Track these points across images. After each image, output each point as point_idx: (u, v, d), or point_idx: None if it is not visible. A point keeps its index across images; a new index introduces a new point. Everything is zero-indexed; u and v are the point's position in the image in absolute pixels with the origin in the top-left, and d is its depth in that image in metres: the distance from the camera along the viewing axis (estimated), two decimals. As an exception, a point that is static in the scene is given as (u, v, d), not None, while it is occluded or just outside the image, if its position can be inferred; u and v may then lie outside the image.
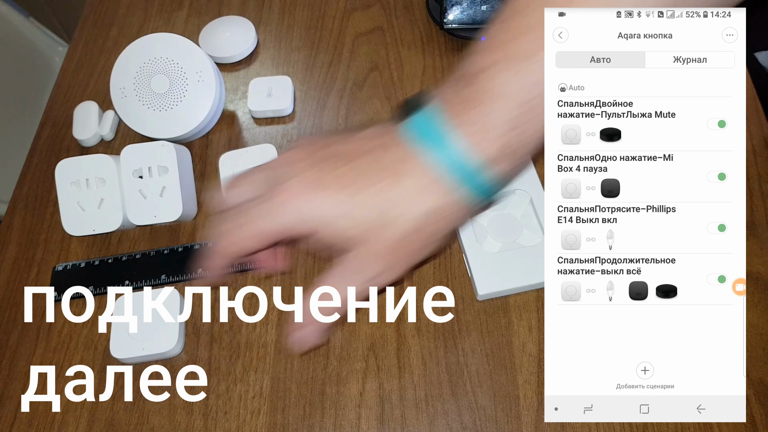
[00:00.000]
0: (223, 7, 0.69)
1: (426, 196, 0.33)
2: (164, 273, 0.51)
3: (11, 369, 0.48)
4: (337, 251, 0.34)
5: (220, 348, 0.48)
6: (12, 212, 0.57)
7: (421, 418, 0.44)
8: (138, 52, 0.55)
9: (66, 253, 0.54)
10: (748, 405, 0.42)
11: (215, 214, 0.37)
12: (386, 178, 0.33)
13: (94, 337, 0.49)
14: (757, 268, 0.47)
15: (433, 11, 0.64)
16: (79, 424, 0.45)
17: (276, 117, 0.60)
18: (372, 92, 0.60)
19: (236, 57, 0.64)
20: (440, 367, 0.45)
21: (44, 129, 0.62)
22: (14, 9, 1.01)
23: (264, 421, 0.44)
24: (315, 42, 0.65)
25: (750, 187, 0.51)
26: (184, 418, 0.45)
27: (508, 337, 0.46)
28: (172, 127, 0.55)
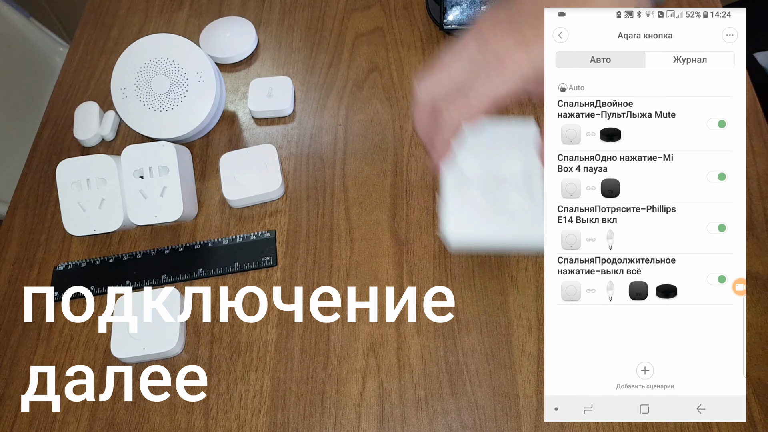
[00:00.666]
0: (224, 7, 0.69)
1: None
2: (165, 273, 0.51)
3: (12, 369, 0.48)
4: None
5: (220, 348, 0.48)
6: (13, 212, 0.57)
7: (420, 417, 0.44)
8: (139, 53, 0.55)
9: (67, 253, 0.54)
10: (748, 405, 0.42)
11: (419, 104, 0.39)
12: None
13: (95, 337, 0.49)
14: (757, 268, 0.47)
15: (433, 12, 0.64)
16: (80, 424, 0.45)
17: (276, 117, 0.60)
18: (372, 92, 0.60)
19: (236, 57, 0.64)
20: (440, 367, 0.45)
21: (45, 129, 0.62)
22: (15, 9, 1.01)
23: (264, 421, 0.44)
24: (315, 42, 0.65)
25: (750, 187, 0.51)
26: (185, 418, 0.45)
27: (507, 336, 0.46)
28: (173, 128, 0.55)
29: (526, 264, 0.49)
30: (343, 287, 0.50)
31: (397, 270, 0.50)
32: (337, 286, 0.50)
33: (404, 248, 0.51)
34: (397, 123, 0.58)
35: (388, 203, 0.53)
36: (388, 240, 0.51)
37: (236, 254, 0.52)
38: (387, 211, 0.53)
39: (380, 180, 0.55)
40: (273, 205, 0.55)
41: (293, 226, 0.53)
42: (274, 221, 0.54)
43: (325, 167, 0.56)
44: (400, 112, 0.59)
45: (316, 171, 0.56)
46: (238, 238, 0.53)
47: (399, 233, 0.52)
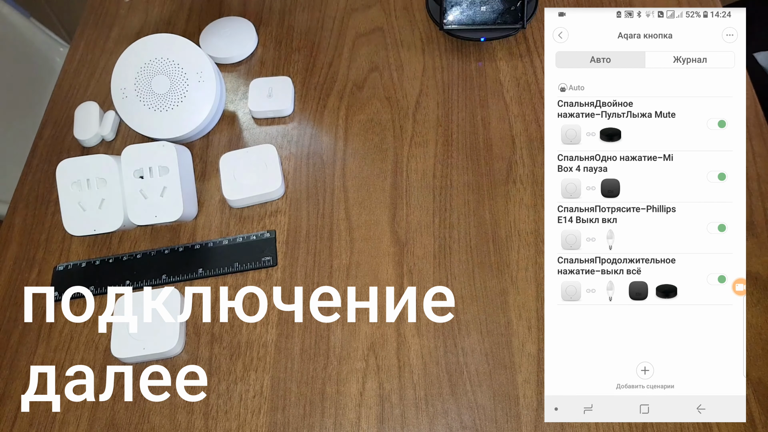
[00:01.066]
0: (224, 7, 0.69)
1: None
2: (165, 273, 0.51)
3: (12, 369, 0.48)
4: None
5: (220, 348, 0.48)
6: (13, 212, 0.57)
7: (420, 417, 0.44)
8: (139, 53, 0.55)
9: (67, 253, 0.54)
10: (748, 405, 0.42)
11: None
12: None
13: (95, 337, 0.49)
14: (757, 268, 0.47)
15: (433, 12, 0.64)
16: (80, 423, 0.45)
17: (276, 117, 0.60)
18: (372, 92, 0.60)
19: (237, 57, 0.64)
20: (440, 367, 0.45)
21: (45, 129, 0.62)
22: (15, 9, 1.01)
23: (264, 421, 0.44)
24: (315, 42, 0.65)
25: (750, 187, 0.51)
26: (185, 418, 0.45)
27: (507, 336, 0.46)
28: (173, 128, 0.55)
29: (526, 264, 0.49)
30: (343, 287, 0.50)
31: (397, 270, 0.50)
32: (337, 286, 0.50)
33: (404, 248, 0.51)
34: (397, 123, 0.58)
35: (388, 203, 0.53)
36: (388, 240, 0.51)
37: (236, 254, 0.52)
38: (387, 211, 0.53)
39: (380, 180, 0.55)
40: (273, 205, 0.55)
41: (293, 226, 0.53)
42: (274, 221, 0.54)
43: (325, 167, 0.56)
44: (400, 112, 0.59)
45: (316, 171, 0.56)
46: (238, 238, 0.53)
47: (399, 233, 0.52)
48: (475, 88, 0.59)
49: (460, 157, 0.55)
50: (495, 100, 0.58)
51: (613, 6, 0.63)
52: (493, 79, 0.59)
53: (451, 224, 0.52)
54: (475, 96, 0.59)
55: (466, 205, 0.52)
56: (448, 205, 0.53)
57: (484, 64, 0.61)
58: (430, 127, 0.57)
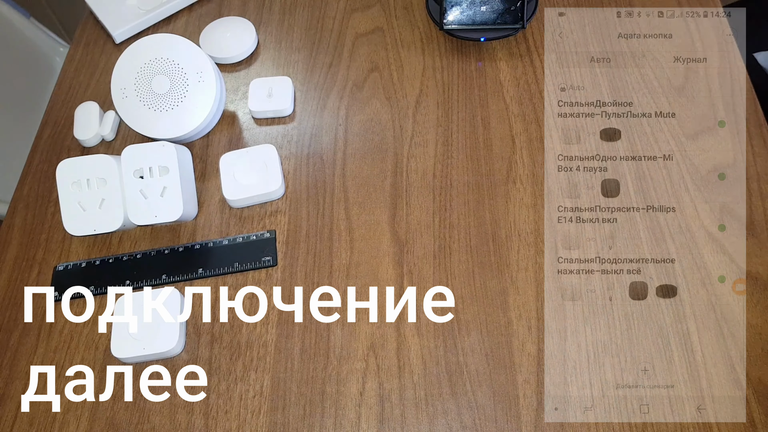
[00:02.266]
0: (224, 7, 0.69)
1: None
2: (165, 273, 0.51)
3: (11, 369, 0.48)
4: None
5: (220, 348, 0.48)
6: (13, 212, 0.57)
7: (420, 417, 0.44)
8: (139, 53, 0.55)
9: (67, 253, 0.54)
10: (748, 405, 0.42)
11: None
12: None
13: (95, 337, 0.49)
14: (757, 268, 0.47)
15: (433, 12, 0.64)
16: (80, 424, 0.45)
17: (276, 117, 0.60)
18: (372, 92, 0.60)
19: (237, 57, 0.64)
20: (440, 367, 0.45)
21: (45, 129, 0.62)
22: (15, 9, 1.01)
23: (264, 421, 0.44)
24: (315, 42, 0.65)
25: (750, 187, 0.51)
26: (185, 418, 0.45)
27: (507, 336, 0.46)
28: (173, 128, 0.55)
29: (526, 264, 0.49)
30: (343, 287, 0.50)
31: (397, 270, 0.50)
32: (337, 286, 0.50)
33: (404, 248, 0.51)
34: (397, 123, 0.58)
35: (388, 203, 0.53)
36: (388, 240, 0.51)
37: (236, 254, 0.52)
38: (387, 211, 0.53)
39: (380, 180, 0.55)
40: (273, 205, 0.55)
41: (293, 226, 0.53)
42: (274, 221, 0.54)
43: (325, 167, 0.56)
44: (400, 112, 0.59)
45: (316, 171, 0.56)
46: (238, 238, 0.53)
47: (399, 233, 0.52)
48: (475, 88, 0.59)
49: (460, 157, 0.55)
50: (495, 100, 0.58)
51: (613, 6, 0.63)
52: (493, 79, 0.59)
53: (451, 224, 0.52)
54: (475, 96, 0.59)
55: (466, 205, 0.52)
56: (448, 205, 0.53)
57: (484, 64, 0.61)
58: (430, 127, 0.57)
